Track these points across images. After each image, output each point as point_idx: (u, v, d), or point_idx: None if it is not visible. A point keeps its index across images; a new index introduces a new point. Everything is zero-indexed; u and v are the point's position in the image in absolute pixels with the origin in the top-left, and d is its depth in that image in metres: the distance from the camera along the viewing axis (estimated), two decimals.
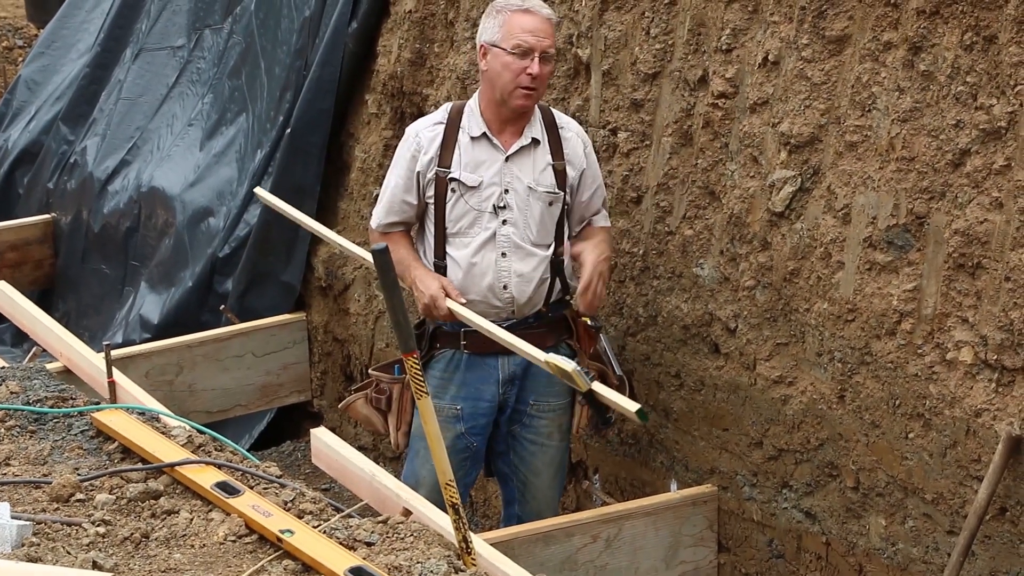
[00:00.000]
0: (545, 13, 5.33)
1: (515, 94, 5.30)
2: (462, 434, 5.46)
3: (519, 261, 5.37)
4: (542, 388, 5.45)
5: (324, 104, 7.26)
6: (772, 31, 5.17)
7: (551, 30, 5.32)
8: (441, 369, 5.48)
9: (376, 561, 3.98)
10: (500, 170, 5.36)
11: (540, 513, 5.59)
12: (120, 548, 4.06)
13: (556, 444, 5.54)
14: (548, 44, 5.30)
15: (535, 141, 5.38)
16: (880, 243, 4.84)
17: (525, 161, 5.38)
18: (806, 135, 5.06)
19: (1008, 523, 4.58)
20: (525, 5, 5.31)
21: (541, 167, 5.38)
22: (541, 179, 5.37)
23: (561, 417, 5.50)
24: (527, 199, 5.36)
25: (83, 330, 7.86)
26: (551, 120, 5.44)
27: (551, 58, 5.34)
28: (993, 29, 4.49)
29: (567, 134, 5.42)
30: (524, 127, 5.38)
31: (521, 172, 5.36)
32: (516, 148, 5.37)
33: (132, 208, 7.96)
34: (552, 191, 5.37)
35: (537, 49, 5.26)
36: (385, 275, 4.01)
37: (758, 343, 5.27)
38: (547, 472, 5.57)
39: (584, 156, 5.44)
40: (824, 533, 5.19)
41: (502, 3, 5.35)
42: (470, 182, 5.36)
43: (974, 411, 4.59)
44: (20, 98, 9.00)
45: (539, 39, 5.27)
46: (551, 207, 5.38)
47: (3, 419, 4.88)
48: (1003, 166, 4.49)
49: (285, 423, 7.64)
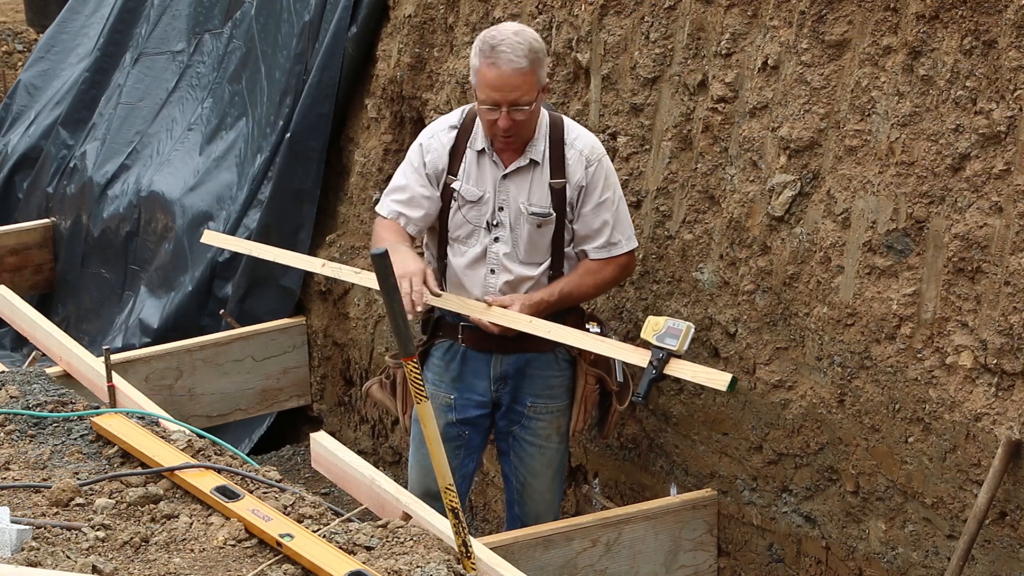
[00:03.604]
0: (511, 67, 5.06)
1: (495, 139, 5.25)
2: (453, 423, 5.47)
3: (507, 279, 5.35)
4: (539, 390, 5.44)
5: (324, 109, 7.26)
6: (772, 36, 5.17)
7: (520, 80, 5.07)
8: (439, 357, 5.50)
9: (376, 565, 3.98)
10: (496, 187, 5.32)
11: (538, 515, 5.59)
12: (120, 552, 4.06)
13: (555, 446, 5.53)
14: (517, 96, 5.10)
15: (533, 163, 5.29)
16: (880, 247, 4.84)
17: (523, 181, 5.31)
18: (806, 139, 5.06)
19: (1008, 527, 4.58)
20: (492, 57, 5.08)
21: (539, 187, 5.29)
22: (536, 200, 5.29)
23: (560, 419, 5.50)
24: (519, 219, 5.31)
25: (83, 334, 7.86)
26: (559, 136, 5.29)
27: (526, 106, 5.12)
28: (993, 34, 4.49)
29: (570, 152, 5.28)
30: (525, 146, 5.29)
31: (518, 191, 5.30)
32: (513, 168, 5.30)
33: (132, 212, 7.96)
34: (542, 213, 5.28)
35: (504, 103, 5.11)
36: (384, 280, 4.01)
37: (758, 347, 5.27)
38: (546, 474, 5.57)
39: (586, 174, 5.26)
40: (824, 537, 5.19)
41: (480, 43, 5.16)
42: (469, 196, 5.33)
43: (974, 415, 4.59)
44: (20, 102, 9.00)
45: (505, 94, 5.09)
46: (540, 228, 5.29)
47: (3, 423, 4.88)
48: (1003, 170, 4.49)
49: (285, 427, 7.64)
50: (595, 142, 5.35)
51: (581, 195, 5.29)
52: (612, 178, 5.33)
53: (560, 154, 5.27)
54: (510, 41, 5.08)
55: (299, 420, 7.62)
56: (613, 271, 5.37)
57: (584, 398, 5.45)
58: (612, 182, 5.32)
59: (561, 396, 5.45)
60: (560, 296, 5.31)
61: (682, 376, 5.11)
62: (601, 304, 5.87)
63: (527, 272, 5.34)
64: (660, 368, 5.07)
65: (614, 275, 5.40)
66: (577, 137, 5.31)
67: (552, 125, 5.31)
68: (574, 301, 5.38)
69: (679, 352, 5.10)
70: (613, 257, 5.34)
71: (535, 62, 5.10)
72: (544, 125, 5.29)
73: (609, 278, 5.39)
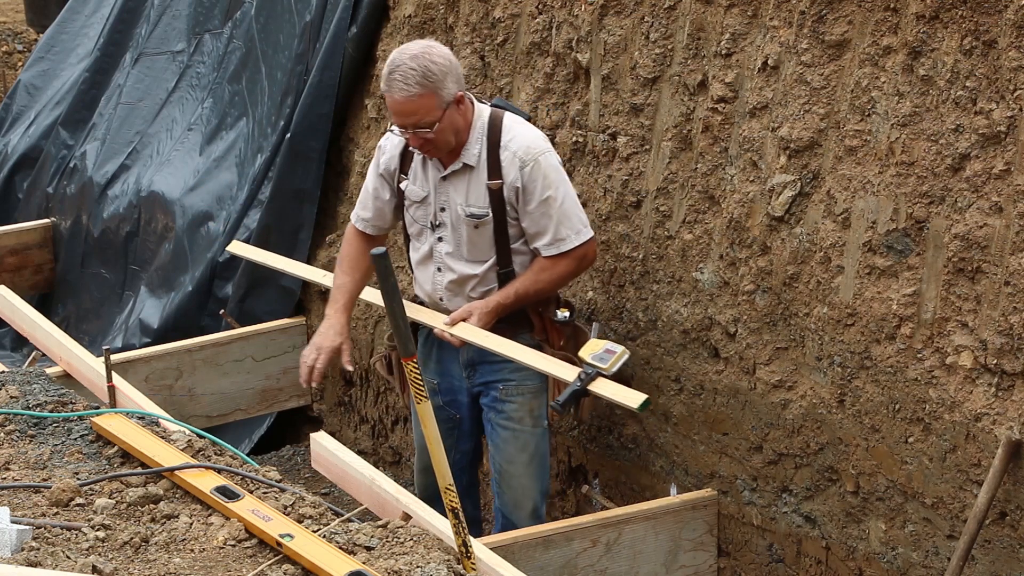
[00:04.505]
0: (403, 95, 5.16)
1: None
2: (441, 406, 5.60)
3: (451, 277, 5.47)
4: (507, 373, 5.49)
5: (324, 109, 7.27)
6: (772, 36, 5.17)
7: (414, 106, 5.17)
8: (422, 343, 5.66)
9: (376, 565, 3.98)
10: (436, 189, 5.44)
11: (517, 503, 5.59)
12: (120, 552, 4.06)
13: (528, 429, 5.54)
14: (415, 120, 5.20)
15: (467, 167, 5.36)
16: (880, 247, 4.84)
17: (460, 183, 5.40)
18: (806, 140, 5.06)
19: (1008, 527, 4.58)
20: (387, 84, 5.20)
21: (476, 188, 5.37)
22: (473, 200, 5.37)
23: (532, 401, 5.52)
24: (459, 220, 5.41)
25: (83, 334, 7.86)
26: (496, 139, 5.36)
27: (427, 127, 5.21)
28: (993, 34, 4.49)
29: (504, 153, 5.34)
30: (461, 150, 5.37)
31: (456, 193, 5.40)
32: (449, 171, 5.40)
33: (132, 213, 7.96)
34: (479, 215, 5.37)
35: (407, 125, 5.24)
36: (385, 280, 4.01)
37: (758, 347, 5.27)
38: (520, 459, 5.57)
39: (520, 175, 5.32)
40: (824, 537, 5.19)
41: (385, 66, 5.27)
42: (413, 196, 5.49)
43: (974, 415, 4.59)
44: (20, 103, 9.01)
45: (404, 119, 5.22)
46: (478, 229, 5.39)
47: (3, 423, 4.88)
48: (1003, 170, 4.49)
49: (285, 427, 7.64)
50: (531, 142, 5.36)
51: (519, 195, 5.35)
52: (553, 175, 5.35)
53: (496, 156, 5.35)
54: (403, 69, 5.18)
55: (299, 420, 7.62)
56: (568, 265, 5.43)
57: (556, 381, 5.48)
58: (553, 180, 5.35)
59: (532, 377, 5.47)
60: (516, 297, 5.41)
61: (601, 394, 5.21)
62: (601, 304, 5.87)
63: (471, 270, 5.45)
64: (586, 383, 5.20)
65: (570, 269, 5.45)
66: (512, 139, 5.36)
67: (491, 127, 5.37)
68: (533, 298, 5.46)
69: (607, 372, 5.22)
70: (564, 252, 5.39)
71: (430, 86, 5.17)
72: (482, 127, 5.36)
73: (565, 272, 5.45)
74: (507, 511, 5.62)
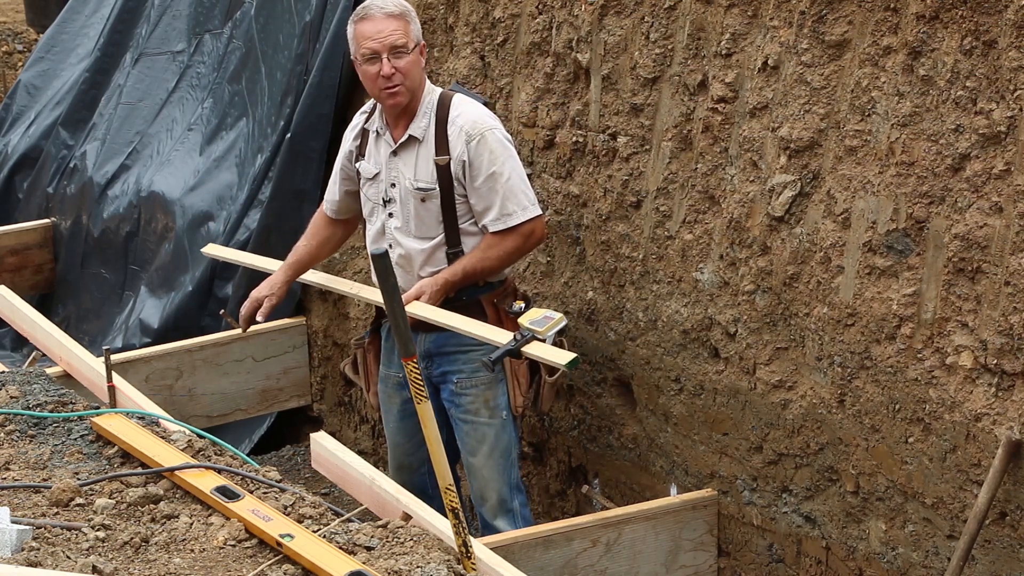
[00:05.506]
0: (382, 13, 5.37)
1: (382, 97, 5.44)
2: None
3: (400, 252, 5.54)
4: (461, 365, 5.53)
5: (324, 109, 7.27)
6: (772, 36, 5.17)
7: (395, 25, 5.36)
8: (386, 338, 5.75)
9: (376, 566, 3.98)
10: (387, 164, 5.54)
11: (482, 495, 5.61)
12: (120, 552, 4.06)
13: (485, 421, 5.56)
14: (394, 39, 5.35)
15: (413, 139, 5.46)
16: (880, 247, 4.84)
17: (409, 157, 5.49)
18: (806, 140, 5.06)
19: (1008, 527, 4.58)
20: (362, 12, 5.40)
21: (425, 163, 5.46)
22: (421, 175, 5.46)
23: (486, 393, 5.54)
24: (407, 194, 5.49)
25: (83, 334, 7.85)
26: (444, 114, 5.46)
27: (404, 50, 5.36)
28: (993, 34, 4.49)
29: (452, 128, 5.43)
30: (410, 123, 5.47)
31: (405, 167, 5.50)
32: (398, 144, 5.51)
33: (132, 213, 7.96)
34: (425, 187, 5.45)
35: (383, 50, 5.34)
36: (385, 280, 4.01)
37: (758, 347, 5.27)
38: (481, 451, 5.58)
39: (467, 149, 5.41)
40: (824, 537, 5.19)
41: (352, 15, 5.46)
42: (366, 173, 5.63)
43: (974, 415, 4.59)
44: (20, 103, 9.00)
45: (382, 40, 5.34)
46: (425, 203, 5.46)
47: (3, 423, 4.88)
48: (1003, 170, 4.49)
49: (285, 427, 7.64)
50: (478, 117, 5.47)
51: (466, 170, 5.42)
52: (499, 150, 5.43)
53: (444, 131, 5.44)
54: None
55: (299, 420, 7.62)
56: (515, 241, 5.48)
57: (513, 372, 5.52)
58: (499, 155, 5.42)
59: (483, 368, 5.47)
60: (464, 273, 5.47)
61: (533, 354, 5.28)
62: (601, 304, 5.87)
63: (419, 246, 5.51)
64: (520, 344, 5.26)
65: (517, 245, 5.50)
66: (460, 114, 5.46)
67: (440, 104, 5.50)
68: (482, 275, 5.51)
69: (542, 336, 5.29)
70: (511, 228, 5.44)
71: (406, 14, 5.41)
72: (432, 103, 5.48)
73: (511, 249, 5.49)
74: (476, 505, 5.65)
